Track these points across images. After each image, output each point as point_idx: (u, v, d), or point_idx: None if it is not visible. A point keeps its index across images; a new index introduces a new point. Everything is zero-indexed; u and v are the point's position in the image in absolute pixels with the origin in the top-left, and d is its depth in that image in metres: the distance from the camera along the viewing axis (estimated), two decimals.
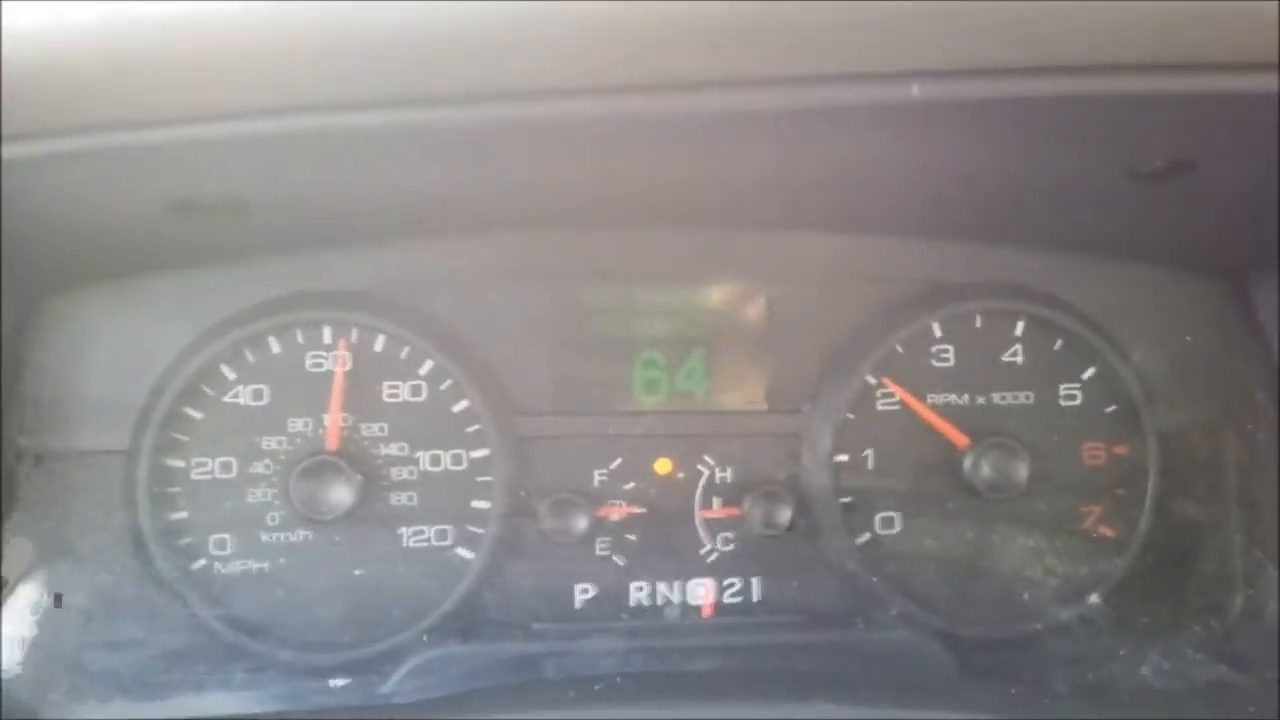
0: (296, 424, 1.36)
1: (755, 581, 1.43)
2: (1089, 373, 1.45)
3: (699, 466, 1.43)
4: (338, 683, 1.30)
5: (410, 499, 1.38)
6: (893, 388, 1.42)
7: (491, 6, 0.84)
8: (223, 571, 1.35)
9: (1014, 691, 1.27)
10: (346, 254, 1.39)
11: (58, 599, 1.30)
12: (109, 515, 1.33)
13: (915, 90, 0.93)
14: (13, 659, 1.25)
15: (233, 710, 1.28)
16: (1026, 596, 1.42)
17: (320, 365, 1.37)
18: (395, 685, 1.29)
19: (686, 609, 1.42)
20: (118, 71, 0.87)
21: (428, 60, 0.88)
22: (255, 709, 1.28)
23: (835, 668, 1.35)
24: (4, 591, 1.27)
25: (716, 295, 1.47)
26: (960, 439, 1.40)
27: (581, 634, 1.36)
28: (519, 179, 1.20)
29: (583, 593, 1.41)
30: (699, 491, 1.43)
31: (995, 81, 0.94)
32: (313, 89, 0.91)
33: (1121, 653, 1.34)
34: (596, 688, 1.19)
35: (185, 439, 1.35)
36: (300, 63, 0.88)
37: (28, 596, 1.29)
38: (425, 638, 1.34)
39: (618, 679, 1.27)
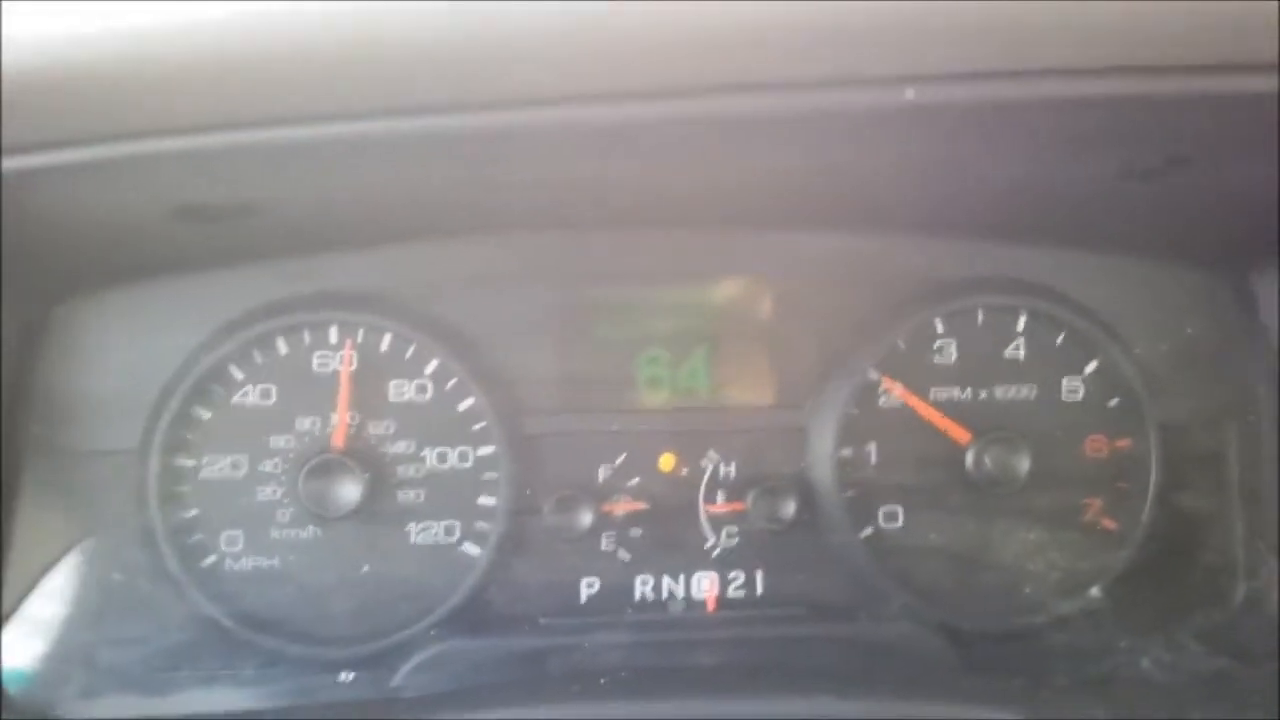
0: (304, 423, 1.38)
1: (759, 575, 1.44)
2: (1091, 366, 1.45)
3: (703, 462, 1.44)
4: (346, 677, 1.32)
5: (417, 496, 1.39)
6: (894, 387, 1.43)
7: (494, 13, 0.85)
8: (233, 568, 1.36)
9: (1016, 684, 1.28)
10: (353, 255, 1.41)
11: (68, 597, 1.32)
12: (120, 514, 1.34)
13: (910, 94, 0.94)
14: (24, 657, 1.27)
15: (243, 705, 1.30)
16: (1028, 590, 1.42)
17: (327, 365, 1.39)
18: (403, 679, 1.30)
19: (691, 603, 1.43)
20: (126, 81, 0.89)
21: (435, 68, 0.89)
22: (265, 704, 1.30)
23: (838, 661, 1.36)
24: (15, 590, 1.29)
25: (719, 293, 1.48)
26: (962, 435, 1.41)
27: (587, 628, 1.37)
28: (523, 181, 1.21)
29: (588, 587, 1.42)
30: (703, 486, 1.44)
31: (993, 85, 0.95)
32: (321, 97, 0.92)
33: (1123, 645, 1.34)
34: (602, 682, 1.19)
35: (195, 438, 1.37)
36: (310, 71, 0.89)
37: (39, 595, 1.31)
38: (433, 632, 1.36)
39: (623, 673, 1.28)
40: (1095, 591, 1.41)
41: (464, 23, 0.85)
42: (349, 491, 1.33)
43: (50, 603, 1.30)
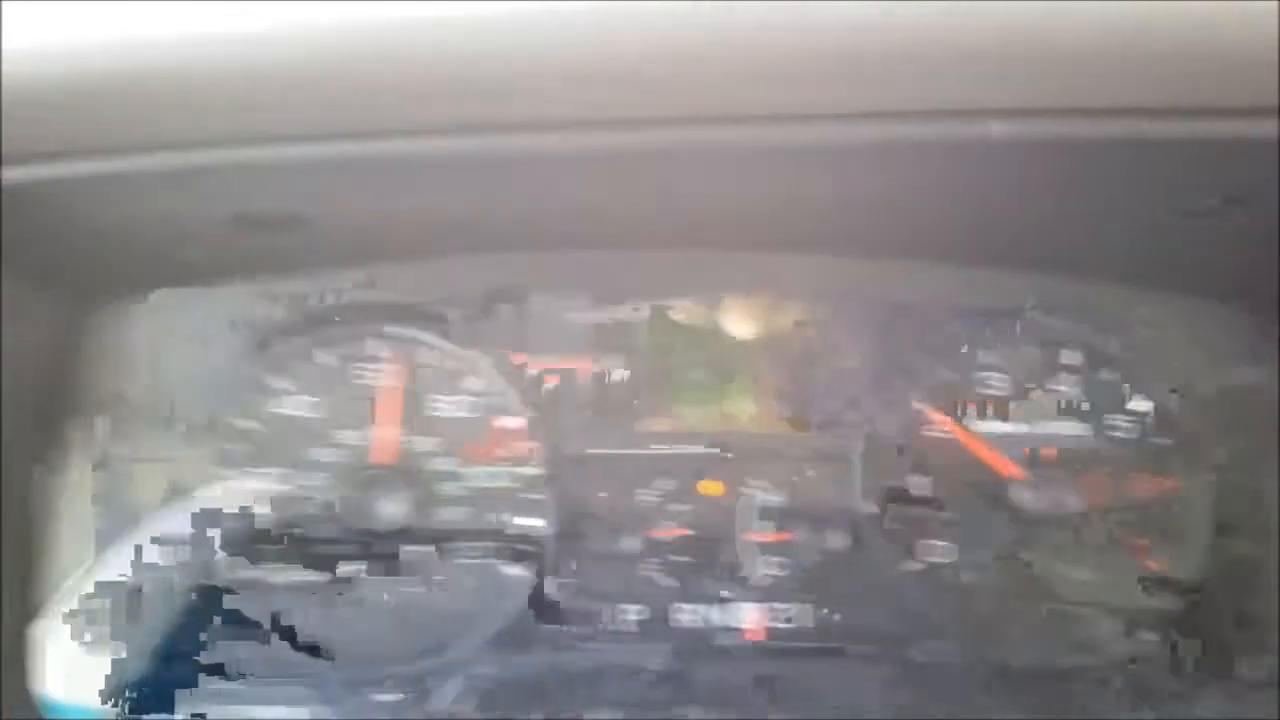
0: (346, 436, 1.36)
1: (804, 607, 1.42)
2: (1139, 404, 1.44)
3: (746, 489, 1.42)
4: (385, 698, 1.29)
5: (461, 515, 1.37)
6: (944, 420, 1.41)
7: (550, 34, 0.84)
8: (272, 584, 1.34)
9: None
10: (399, 268, 1.39)
11: (101, 605, 1.29)
12: (157, 525, 1.32)
13: (995, 129, 0.93)
14: (57, 666, 1.24)
15: None
16: (1077, 629, 1.40)
17: (372, 378, 1.37)
18: (441, 701, 1.29)
19: (733, 633, 1.41)
20: (184, 92, 0.87)
21: (488, 86, 0.88)
22: None
23: (884, 696, 1.34)
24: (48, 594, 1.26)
25: (766, 317, 1.47)
26: (1013, 470, 1.40)
27: (628, 655, 1.35)
28: (574, 202, 1.20)
29: (629, 614, 1.40)
30: (747, 515, 1.42)
31: (1051, 122, 0.94)
32: (375, 113, 0.92)
33: (1175, 689, 1.32)
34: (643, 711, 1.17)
35: (235, 449, 1.35)
36: (364, 87, 0.88)
37: (70, 606, 1.28)
38: (473, 655, 1.33)
39: (664, 701, 1.26)
40: (1147, 634, 1.39)
41: (520, 43, 0.84)
42: (393, 508, 1.31)
43: (84, 615, 1.28)
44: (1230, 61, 0.87)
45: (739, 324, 1.47)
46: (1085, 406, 1.44)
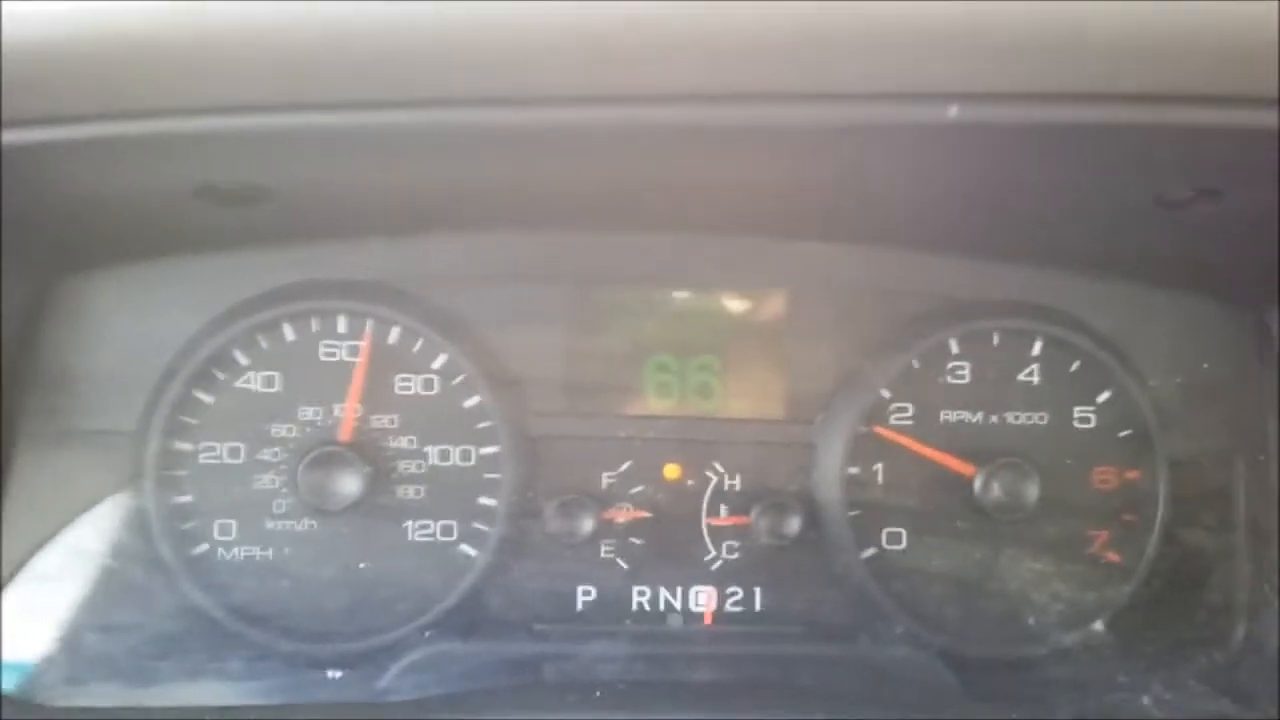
0: (307, 412, 1.36)
1: (759, 591, 1.42)
2: (1104, 396, 1.44)
3: (708, 473, 1.43)
4: (335, 675, 1.30)
5: (417, 493, 1.37)
6: (905, 408, 1.42)
7: (517, 8, 0.83)
8: (225, 558, 1.34)
9: (1015, 715, 1.26)
10: (364, 244, 1.39)
11: (58, 579, 1.29)
12: (113, 496, 1.32)
13: (953, 111, 0.92)
14: (13, 643, 1.25)
15: (230, 699, 1.27)
16: (1031, 619, 1.41)
17: (334, 354, 1.37)
18: (392, 680, 1.28)
19: (689, 615, 1.41)
20: (144, 58, 0.87)
21: (456, 61, 0.88)
22: (252, 699, 1.28)
23: (836, 682, 1.35)
24: (6, 568, 1.27)
25: (733, 301, 1.46)
26: (965, 469, 1.39)
27: (582, 637, 1.35)
28: (540, 180, 1.20)
29: (585, 595, 1.40)
30: (706, 498, 1.42)
31: (1031, 106, 0.93)
32: (341, 85, 0.91)
33: (1124, 680, 1.33)
34: (598, 694, 1.18)
35: (194, 422, 1.34)
36: (331, 58, 0.87)
37: (29, 576, 1.29)
38: (426, 634, 1.34)
39: (617, 684, 1.27)
40: (1099, 625, 1.40)
41: (486, 16, 0.84)
42: (349, 485, 1.31)
43: (39, 585, 1.28)
44: (1225, 51, 0.87)
45: (708, 309, 1.46)
46: (1049, 397, 1.43)
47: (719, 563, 1.42)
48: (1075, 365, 1.44)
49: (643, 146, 1.07)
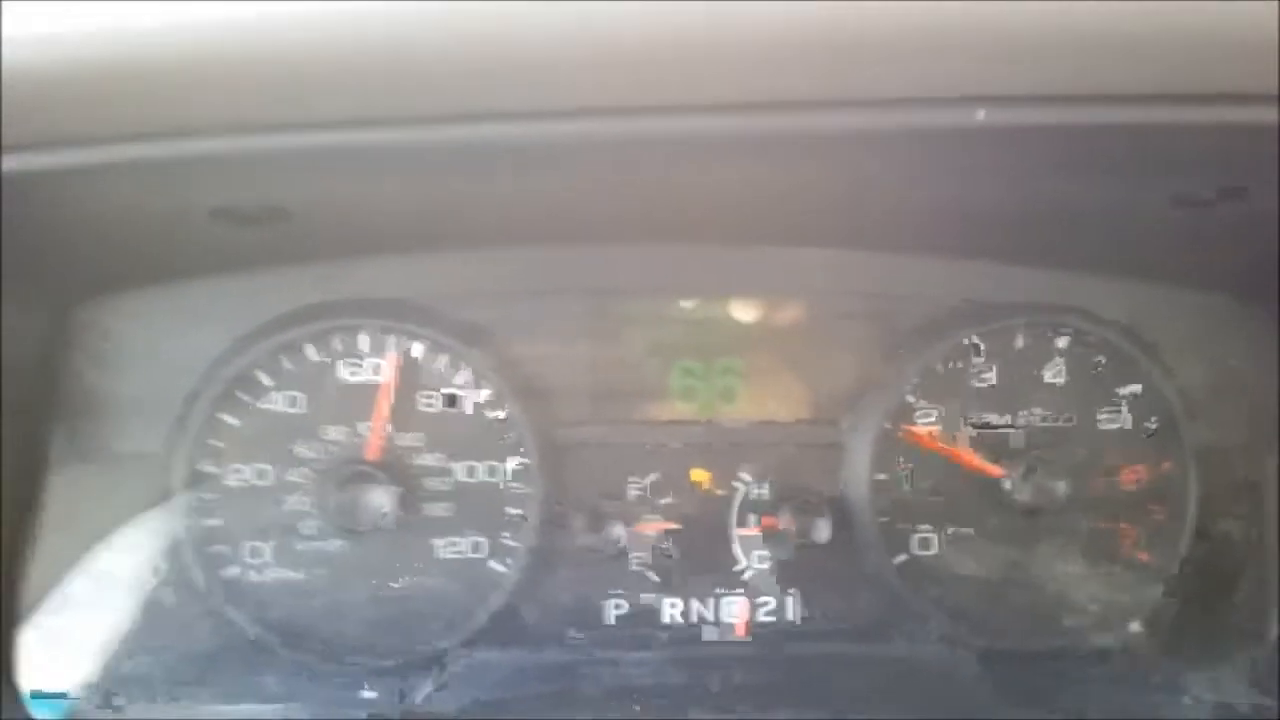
0: (332, 432, 1.35)
1: (791, 599, 1.42)
2: (1129, 392, 1.43)
3: (735, 481, 1.42)
4: (369, 694, 1.29)
5: (445, 510, 1.37)
6: (933, 411, 1.41)
7: (529, 25, 0.82)
8: (255, 580, 1.34)
9: (1051, 715, 1.26)
10: (386, 262, 1.38)
11: (89, 602, 1.29)
12: (143, 520, 1.32)
13: (981, 115, 0.91)
14: (42, 660, 1.24)
15: (265, 718, 1.27)
16: (1065, 618, 1.40)
17: (357, 373, 1.37)
18: (426, 696, 1.28)
19: (721, 627, 1.41)
20: (155, 81, 0.87)
21: (474, 77, 0.87)
22: (287, 717, 1.27)
23: (871, 685, 1.34)
24: (36, 590, 1.26)
25: (756, 309, 1.46)
26: (994, 470, 1.39)
27: (615, 648, 1.35)
28: (559, 193, 1.19)
29: (616, 608, 1.40)
30: (735, 505, 1.42)
31: (1050, 109, 0.93)
32: (358, 103, 0.91)
33: (1160, 680, 1.32)
34: (636, 708, 1.17)
35: (220, 445, 1.35)
36: (347, 77, 0.87)
37: (60, 598, 1.28)
38: (458, 649, 1.33)
39: (651, 694, 1.26)
40: (1134, 625, 1.39)
41: (502, 31, 0.83)
42: (379, 504, 1.31)
43: (70, 607, 1.28)
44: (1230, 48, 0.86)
45: (731, 315, 1.45)
46: (1074, 394, 1.43)
47: (749, 571, 1.42)
48: (1100, 362, 1.43)
49: (665, 157, 1.06)
